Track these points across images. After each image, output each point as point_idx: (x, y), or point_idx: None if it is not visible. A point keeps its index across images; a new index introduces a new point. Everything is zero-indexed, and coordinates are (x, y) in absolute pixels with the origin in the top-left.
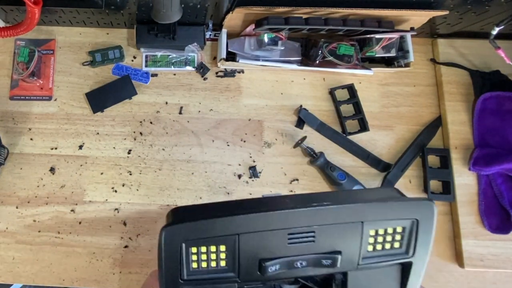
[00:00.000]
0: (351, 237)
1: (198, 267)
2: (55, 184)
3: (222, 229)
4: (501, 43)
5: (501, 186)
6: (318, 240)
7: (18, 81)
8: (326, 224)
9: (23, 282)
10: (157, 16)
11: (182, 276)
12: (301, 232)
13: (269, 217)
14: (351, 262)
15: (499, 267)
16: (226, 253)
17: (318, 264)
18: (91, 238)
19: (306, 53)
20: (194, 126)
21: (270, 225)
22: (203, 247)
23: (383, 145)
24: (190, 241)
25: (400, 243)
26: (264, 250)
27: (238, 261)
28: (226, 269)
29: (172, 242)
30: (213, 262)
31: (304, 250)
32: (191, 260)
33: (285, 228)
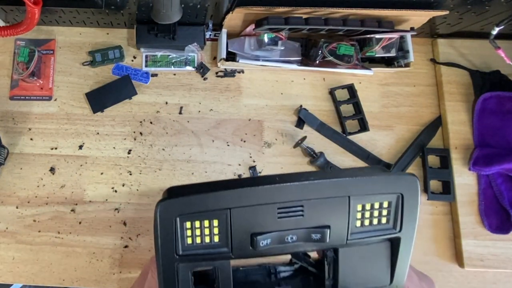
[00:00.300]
0: (339, 211)
1: (193, 243)
2: (55, 184)
3: (214, 203)
4: (501, 43)
5: (501, 186)
6: (306, 214)
7: (18, 81)
8: (314, 198)
9: (23, 282)
10: (157, 16)
11: (177, 251)
12: (290, 207)
13: (259, 191)
14: (340, 237)
15: (499, 267)
16: (218, 228)
17: (308, 239)
18: (91, 238)
19: (306, 53)
20: (194, 126)
21: (260, 200)
22: (196, 222)
23: (383, 145)
24: (184, 215)
25: (387, 218)
26: (255, 225)
27: (230, 236)
28: (219, 244)
29: (167, 217)
30: (206, 238)
31: (293, 224)
32: (186, 235)
33: (274, 203)
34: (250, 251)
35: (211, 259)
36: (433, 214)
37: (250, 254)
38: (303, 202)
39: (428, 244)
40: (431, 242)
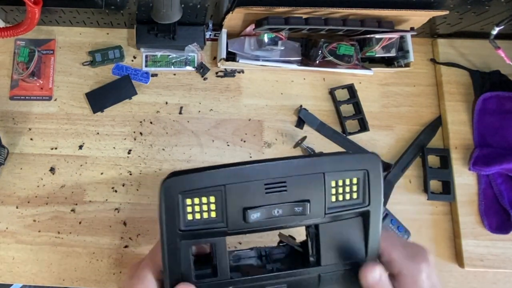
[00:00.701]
0: (316, 187)
1: (193, 219)
2: (55, 184)
3: (212, 180)
4: (501, 43)
5: (501, 186)
6: (289, 190)
7: (18, 81)
8: (294, 175)
9: (23, 282)
10: (157, 16)
11: (179, 227)
12: (275, 183)
13: (249, 169)
14: (319, 210)
15: (499, 267)
16: (215, 204)
17: (291, 212)
18: (91, 238)
19: (306, 53)
20: (194, 126)
21: (250, 177)
22: (196, 199)
23: (383, 145)
24: (185, 192)
25: (357, 194)
26: (247, 200)
27: (226, 210)
28: (216, 220)
29: (170, 193)
30: (205, 213)
31: (279, 199)
32: (186, 211)
33: (262, 179)
34: (243, 224)
35: (209, 235)
36: (433, 214)
37: (243, 228)
38: (285, 178)
39: (428, 244)
40: (431, 242)
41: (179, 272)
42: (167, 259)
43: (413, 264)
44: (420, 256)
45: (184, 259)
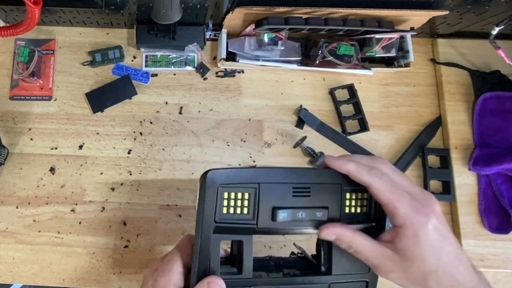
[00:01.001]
0: (334, 196)
1: (227, 212)
2: (55, 184)
3: (249, 177)
4: (501, 43)
5: (501, 186)
6: (312, 195)
7: (18, 81)
8: (318, 182)
9: (23, 282)
10: (157, 16)
11: (215, 218)
12: (302, 187)
13: (281, 172)
14: (335, 218)
15: (499, 267)
16: (248, 200)
17: (313, 217)
18: (91, 238)
19: (306, 53)
20: (194, 126)
21: (282, 179)
22: (232, 193)
23: (383, 145)
24: (224, 185)
25: (366, 208)
26: (276, 200)
27: (257, 207)
28: (247, 217)
29: (212, 184)
30: (238, 209)
31: (303, 203)
32: (223, 205)
33: (291, 183)
34: (271, 223)
35: (239, 231)
36: None
37: (270, 227)
38: (310, 185)
39: None
40: None
41: (207, 265)
42: (198, 250)
43: (417, 216)
44: (426, 208)
45: (213, 253)
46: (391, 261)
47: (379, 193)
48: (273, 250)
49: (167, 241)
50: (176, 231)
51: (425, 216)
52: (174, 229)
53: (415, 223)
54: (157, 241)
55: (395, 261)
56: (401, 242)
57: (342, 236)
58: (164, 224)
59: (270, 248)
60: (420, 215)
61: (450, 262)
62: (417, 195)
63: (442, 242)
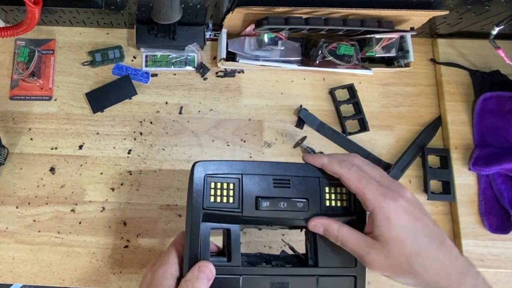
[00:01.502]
0: (314, 189)
1: (214, 201)
2: (55, 184)
3: (233, 168)
4: (501, 43)
5: (501, 186)
6: (292, 187)
7: (18, 81)
8: (297, 175)
9: (23, 282)
10: (157, 16)
11: (203, 205)
12: (281, 179)
13: (262, 164)
14: (316, 211)
15: (499, 267)
16: (233, 190)
17: (294, 207)
18: (91, 238)
19: (306, 53)
20: (194, 126)
21: (263, 171)
22: (218, 183)
23: (383, 145)
24: (211, 176)
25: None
26: (258, 190)
27: (242, 197)
28: (233, 205)
29: (199, 173)
30: (224, 198)
31: (284, 193)
32: (210, 193)
33: (272, 174)
34: (255, 212)
35: (226, 219)
36: (433, 214)
37: (255, 216)
38: (289, 177)
39: None
40: None
41: (198, 252)
42: (189, 237)
43: (384, 200)
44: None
45: (203, 240)
46: (373, 249)
47: (349, 182)
48: (273, 250)
49: (167, 241)
50: (176, 231)
51: (393, 200)
52: (174, 229)
53: (384, 206)
54: (157, 241)
55: (376, 249)
56: (376, 228)
57: (329, 227)
58: (164, 224)
59: (270, 248)
60: (387, 198)
61: (430, 243)
62: (384, 182)
63: (416, 223)
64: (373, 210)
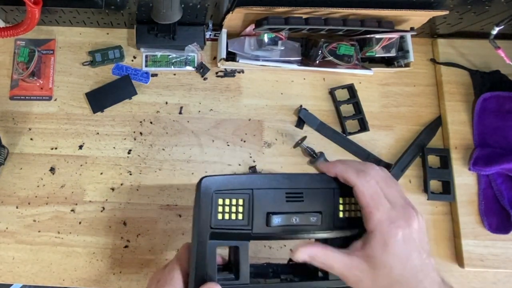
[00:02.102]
0: (327, 201)
1: (222, 218)
2: (55, 184)
3: (243, 184)
4: (501, 43)
5: (501, 186)
6: (305, 201)
7: (18, 81)
8: (310, 188)
9: (23, 282)
10: (157, 16)
11: (211, 224)
12: (294, 193)
13: (273, 178)
14: (329, 224)
15: (499, 267)
16: (243, 206)
17: (307, 222)
18: (91, 238)
19: (306, 53)
20: (194, 126)
21: (275, 185)
22: (227, 200)
23: (383, 145)
24: (219, 192)
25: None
26: (270, 206)
27: (252, 213)
28: (242, 222)
29: (207, 190)
30: (233, 215)
31: (297, 208)
32: (218, 211)
33: (284, 188)
34: (266, 229)
35: (235, 237)
36: (433, 214)
37: (265, 232)
38: (302, 190)
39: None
40: (431, 242)
41: (204, 272)
42: (195, 257)
43: (389, 226)
44: (403, 221)
45: (210, 259)
46: (360, 270)
47: (361, 195)
48: (273, 250)
49: (167, 241)
50: (176, 231)
51: (398, 228)
52: (174, 229)
53: (386, 232)
54: (157, 241)
55: (363, 271)
56: (370, 249)
57: (315, 255)
58: (164, 224)
59: (270, 248)
60: (393, 226)
61: (415, 274)
62: (398, 207)
63: (411, 254)
64: (373, 232)
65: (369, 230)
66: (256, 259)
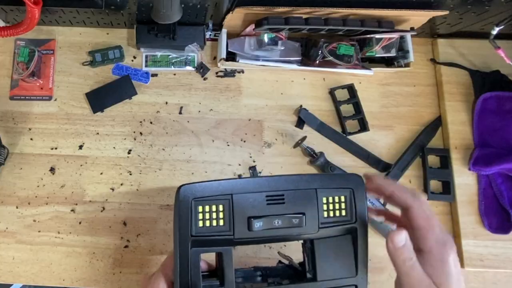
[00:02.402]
0: (310, 201)
1: (203, 226)
2: (55, 184)
3: (221, 189)
4: (501, 43)
5: (501, 186)
6: (287, 202)
7: (18, 81)
8: (290, 189)
9: (23, 282)
10: (157, 16)
11: (191, 232)
12: (275, 195)
13: (253, 181)
14: (313, 224)
15: (499, 267)
16: (223, 212)
17: (290, 224)
18: (91, 238)
19: (306, 53)
20: (194, 126)
21: (254, 188)
22: (207, 206)
23: (383, 145)
24: (198, 199)
25: (345, 211)
26: (251, 210)
27: (233, 219)
28: (224, 228)
29: (185, 199)
30: (214, 221)
31: (278, 210)
32: (198, 218)
33: (264, 191)
34: (247, 233)
35: (217, 243)
36: None
37: (247, 237)
38: (283, 192)
39: None
40: None
41: (188, 280)
42: (178, 266)
43: (444, 248)
44: (450, 243)
45: (193, 267)
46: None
47: (418, 217)
48: (273, 250)
49: (167, 241)
50: None
51: (448, 249)
52: None
53: (441, 252)
54: (157, 241)
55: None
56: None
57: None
58: (164, 224)
59: (270, 248)
60: (444, 247)
61: None
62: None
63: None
64: (431, 251)
65: (426, 250)
66: (257, 259)
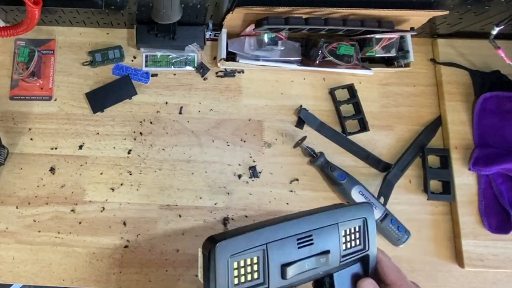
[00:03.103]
0: (333, 237)
1: (238, 282)
2: (55, 184)
3: (255, 241)
4: (501, 43)
5: (501, 186)
6: (315, 242)
7: (18, 81)
8: (318, 228)
9: (23, 282)
10: (157, 16)
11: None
12: (305, 237)
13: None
14: (336, 259)
15: (499, 267)
16: (257, 264)
17: (317, 264)
18: (91, 238)
19: (306, 53)
20: (194, 126)
21: (286, 233)
22: (242, 261)
23: (383, 145)
24: (234, 255)
25: (359, 240)
26: (283, 256)
27: (268, 269)
28: (258, 281)
29: (223, 257)
30: (249, 275)
31: (308, 252)
32: (233, 275)
33: (294, 235)
34: (281, 282)
35: None
36: (433, 214)
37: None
38: (312, 232)
39: (428, 244)
40: (431, 242)
41: None
42: None
43: None
44: None
45: None
46: None
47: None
48: None
49: (167, 241)
50: (176, 231)
51: None
52: (174, 229)
53: None
54: (157, 241)
55: None
56: None
57: None
58: (164, 224)
59: None
60: None
61: None
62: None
63: None
64: None
65: None
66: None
